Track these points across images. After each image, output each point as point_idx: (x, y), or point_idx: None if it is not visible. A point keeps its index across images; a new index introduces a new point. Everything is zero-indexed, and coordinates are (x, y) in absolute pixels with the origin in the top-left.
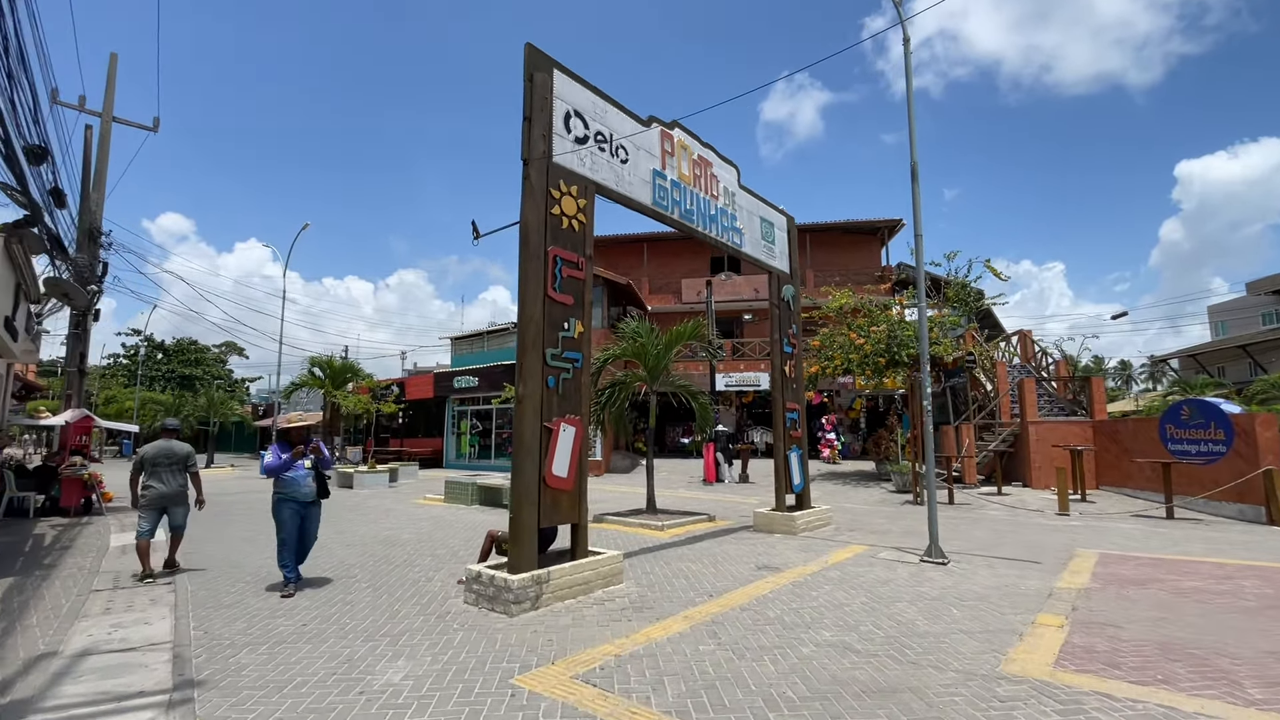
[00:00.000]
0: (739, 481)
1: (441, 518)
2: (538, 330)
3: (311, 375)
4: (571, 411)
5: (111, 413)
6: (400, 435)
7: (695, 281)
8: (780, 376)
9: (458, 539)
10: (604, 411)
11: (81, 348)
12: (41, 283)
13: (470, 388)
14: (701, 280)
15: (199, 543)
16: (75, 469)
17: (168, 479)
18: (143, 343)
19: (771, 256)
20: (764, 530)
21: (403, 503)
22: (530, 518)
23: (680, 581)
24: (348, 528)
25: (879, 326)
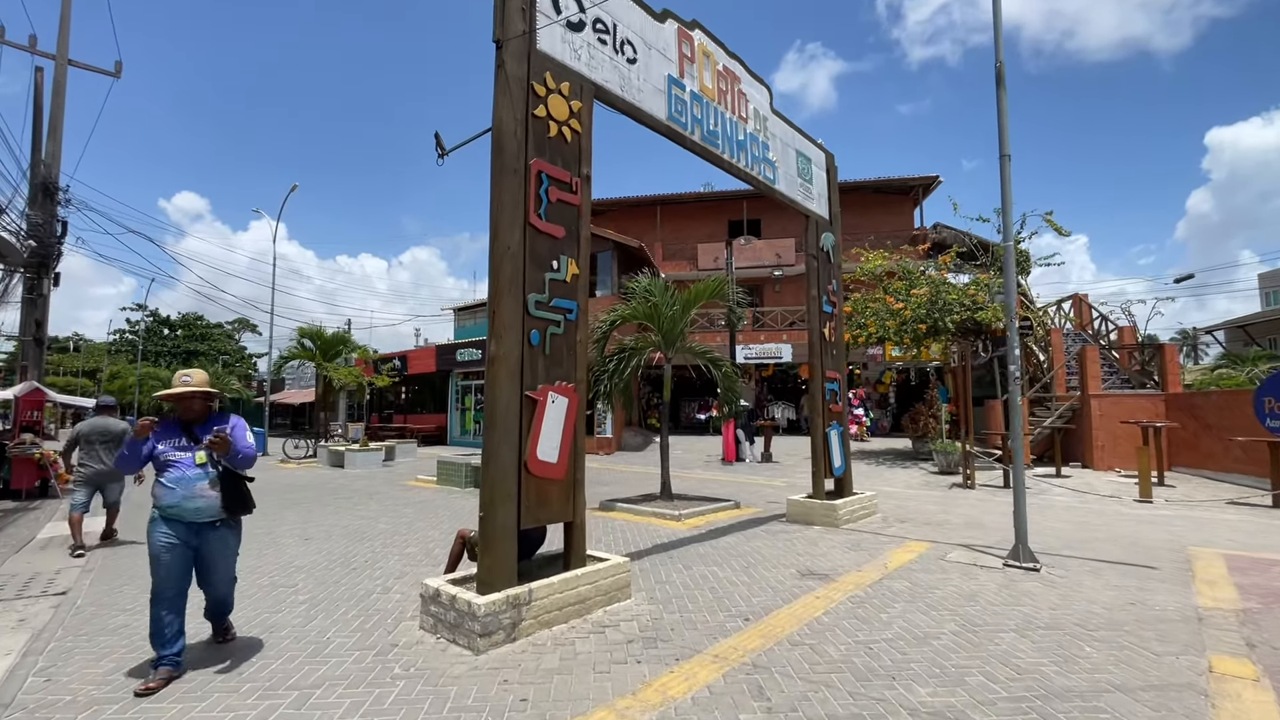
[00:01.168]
0: (761, 461)
1: (429, 503)
2: (515, 268)
3: (300, 347)
4: (563, 378)
5: (115, 388)
6: (405, 411)
7: (712, 246)
8: (819, 340)
9: (439, 531)
10: (610, 383)
11: (37, 314)
12: None
13: (473, 360)
14: (718, 245)
15: (138, 524)
16: (25, 448)
17: (103, 456)
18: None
19: (809, 197)
20: (800, 521)
21: (391, 485)
22: (506, 517)
23: (704, 595)
24: (316, 516)
25: (920, 289)
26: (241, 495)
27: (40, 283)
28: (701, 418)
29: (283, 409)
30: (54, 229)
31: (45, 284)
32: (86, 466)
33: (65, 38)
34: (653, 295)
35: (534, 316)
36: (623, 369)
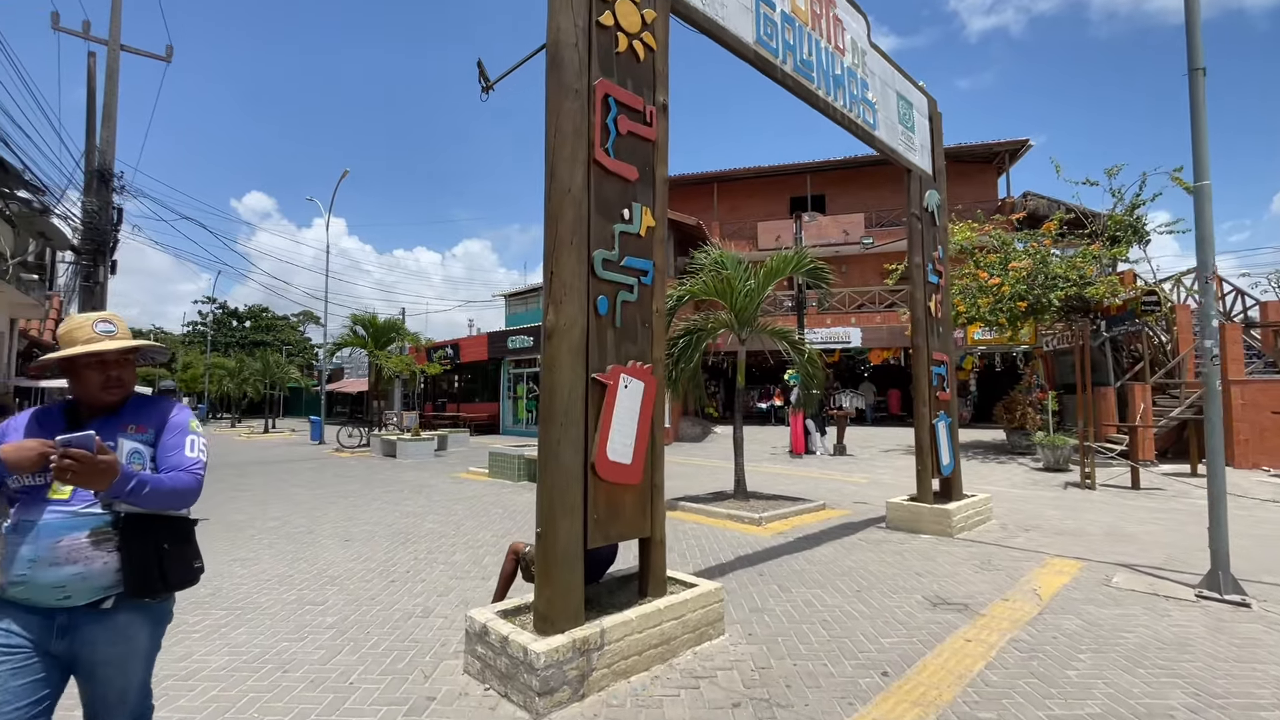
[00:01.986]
0: (834, 454)
1: (480, 498)
2: (578, 216)
3: (353, 334)
4: (637, 356)
5: (188, 377)
6: (458, 400)
7: (773, 224)
8: (924, 316)
9: (490, 533)
10: (678, 369)
11: (94, 302)
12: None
13: (525, 348)
14: (780, 223)
15: None
16: None
17: None
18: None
19: (911, 148)
20: (904, 528)
21: (442, 476)
22: (570, 536)
23: (817, 632)
24: (361, 511)
25: (1019, 262)
26: (157, 561)
27: (96, 270)
28: (763, 407)
29: (341, 397)
30: (109, 216)
31: (101, 271)
32: None
33: (117, 22)
34: (724, 268)
35: (602, 279)
36: (691, 352)
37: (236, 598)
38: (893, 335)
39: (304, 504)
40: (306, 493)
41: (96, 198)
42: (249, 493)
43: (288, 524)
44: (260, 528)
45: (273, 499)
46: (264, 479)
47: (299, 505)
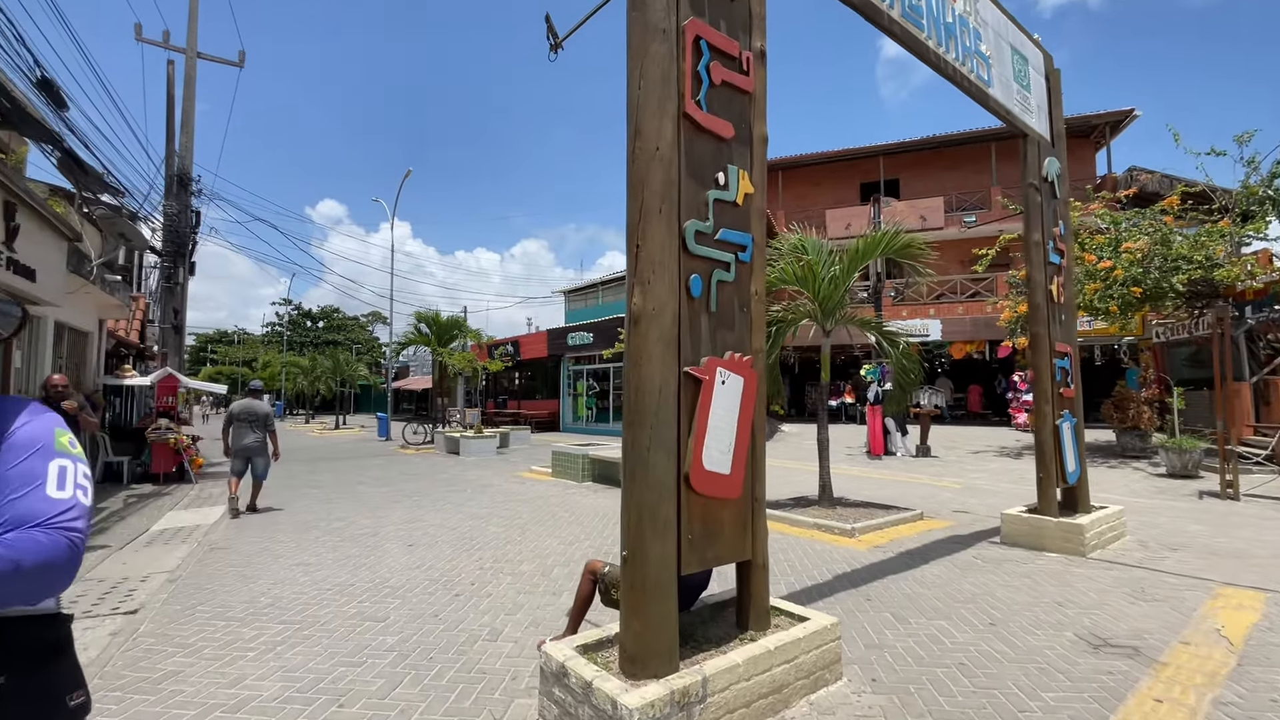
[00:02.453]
0: (917, 455)
1: (544, 499)
2: (667, 178)
3: (417, 332)
4: (735, 347)
5: (266, 375)
6: (518, 397)
7: (843, 212)
8: (1044, 301)
9: (557, 540)
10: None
11: (175, 302)
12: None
13: (585, 345)
14: (851, 210)
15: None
16: (160, 433)
17: (250, 433)
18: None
19: (1027, 109)
20: (1024, 544)
21: (505, 475)
22: (663, 561)
23: (956, 680)
24: (425, 512)
25: (1135, 242)
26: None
27: (176, 271)
28: (832, 404)
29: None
30: (188, 219)
31: (181, 272)
32: (238, 441)
33: (194, 31)
34: (805, 253)
35: (694, 254)
36: (771, 346)
37: (296, 609)
38: (976, 327)
39: (369, 502)
40: (372, 490)
41: (176, 201)
42: (318, 490)
43: (352, 524)
44: (325, 528)
45: (340, 497)
46: (333, 475)
47: (364, 504)
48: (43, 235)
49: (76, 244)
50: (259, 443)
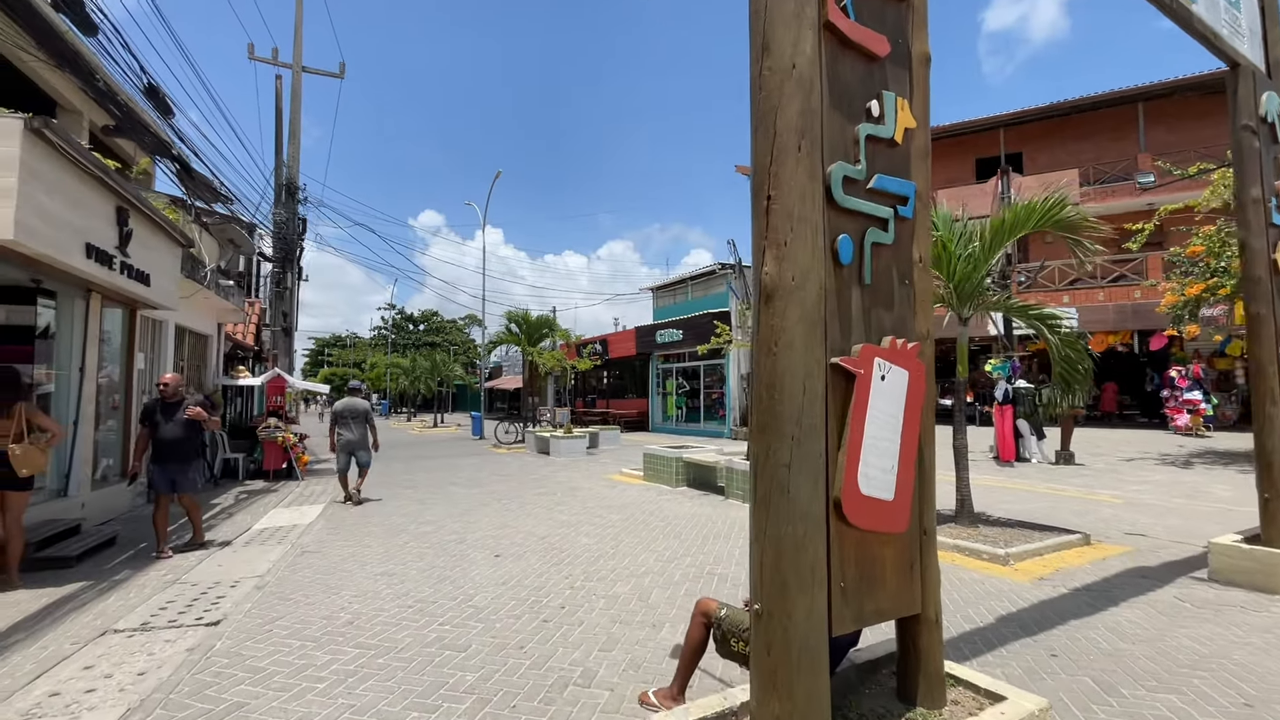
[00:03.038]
0: (1057, 462)
1: (637, 506)
2: (806, 105)
3: (507, 331)
4: (895, 330)
5: (373, 376)
6: (607, 396)
7: (959, 191)
8: (1266, 274)
9: (653, 555)
10: None
11: (284, 306)
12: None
13: (674, 342)
14: (967, 190)
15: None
16: (270, 431)
17: (353, 428)
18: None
19: (1237, 32)
20: (1246, 584)
21: (595, 478)
22: (811, 616)
23: None
24: (514, 518)
25: None
26: None
27: (285, 276)
28: (947, 404)
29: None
30: (295, 226)
31: (289, 277)
32: (342, 436)
33: (299, 46)
34: (935, 229)
35: (843, 209)
36: None
37: (374, 630)
38: (1121, 316)
39: (460, 504)
40: (463, 492)
41: (284, 209)
42: (412, 490)
43: (441, 529)
44: (414, 532)
45: (432, 498)
46: (428, 475)
47: (455, 506)
48: (156, 241)
49: (190, 250)
50: (361, 437)
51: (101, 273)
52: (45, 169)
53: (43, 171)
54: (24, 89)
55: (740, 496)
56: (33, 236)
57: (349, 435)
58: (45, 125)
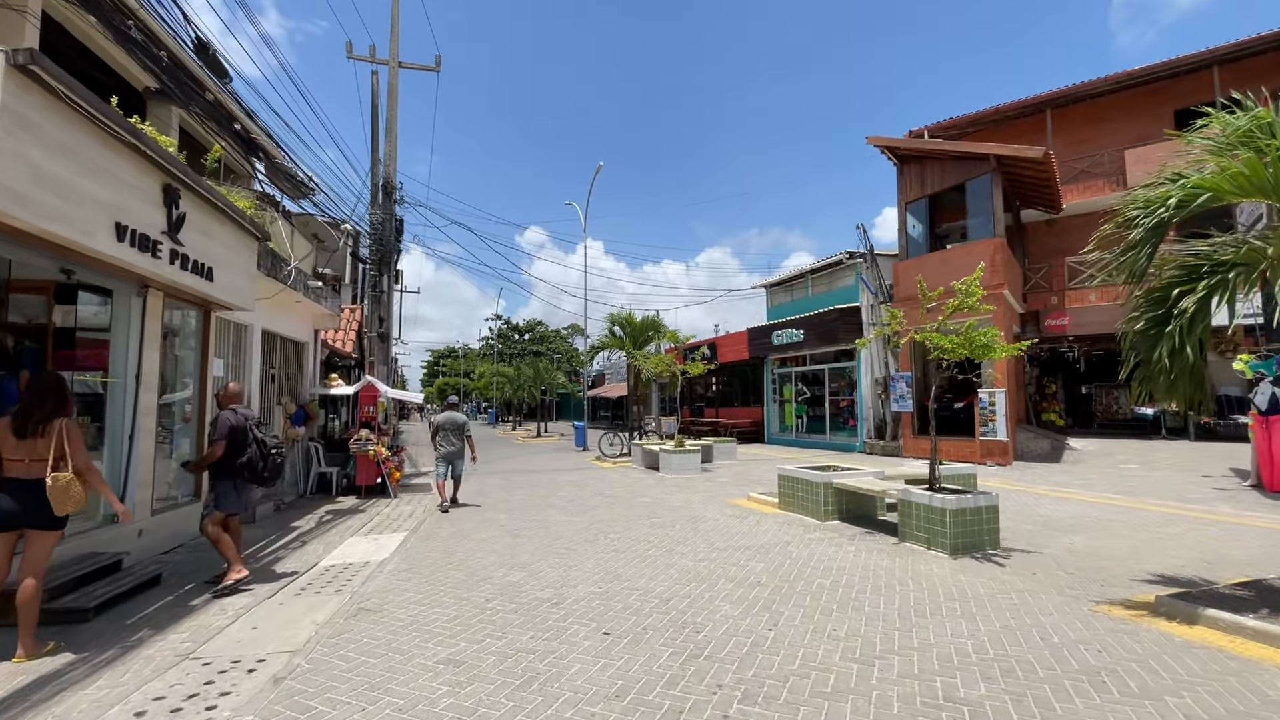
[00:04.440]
0: None
1: (782, 550)
2: None
3: (611, 335)
4: None
5: (480, 385)
6: (715, 404)
7: (1153, 150)
8: None
9: (837, 646)
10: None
11: (380, 311)
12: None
13: (793, 344)
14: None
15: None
16: (361, 444)
17: (452, 439)
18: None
19: None
20: None
21: (717, 503)
22: None
23: None
24: (624, 562)
25: None
26: None
27: (381, 278)
28: (1147, 413)
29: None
30: (392, 226)
31: (385, 280)
32: (442, 447)
33: (395, 42)
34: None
35: None
36: (1193, 317)
37: None
38: None
39: (559, 537)
40: (563, 518)
41: (380, 209)
42: (507, 515)
43: (534, 579)
44: (501, 583)
45: (527, 528)
46: (526, 494)
47: (553, 539)
48: (221, 231)
49: (267, 243)
50: (460, 448)
51: (144, 261)
52: (44, 122)
53: (39, 124)
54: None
55: (923, 541)
56: (26, 206)
57: (448, 447)
58: (34, 60)
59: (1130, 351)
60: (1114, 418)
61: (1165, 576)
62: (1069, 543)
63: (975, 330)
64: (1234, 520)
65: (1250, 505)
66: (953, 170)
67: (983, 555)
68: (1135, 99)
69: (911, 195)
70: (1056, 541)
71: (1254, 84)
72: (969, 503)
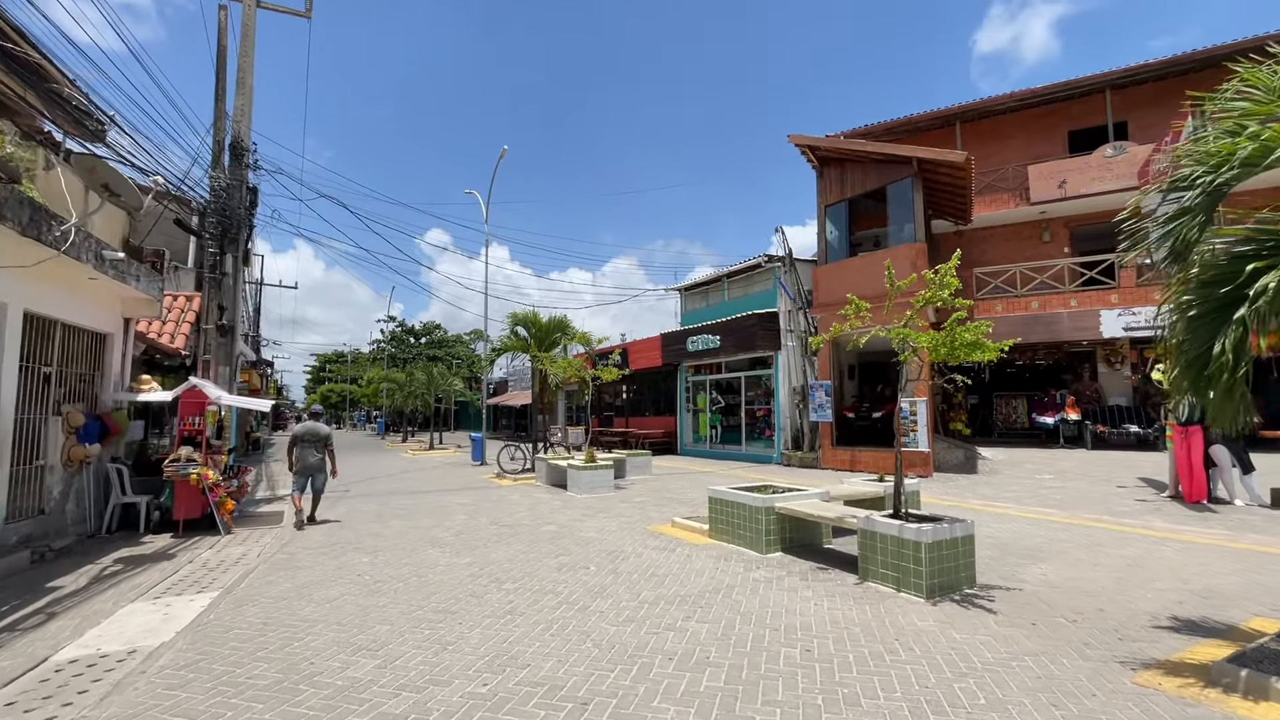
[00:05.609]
0: (1274, 505)
1: (725, 600)
2: None
3: (513, 336)
4: None
5: (370, 392)
6: (625, 414)
7: (1051, 168)
8: None
9: None
10: (1196, 350)
11: (222, 298)
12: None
13: (709, 350)
14: (1063, 164)
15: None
16: (180, 467)
17: (311, 453)
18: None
19: None
20: None
21: (637, 531)
22: None
23: None
24: (526, 630)
25: None
26: None
27: (224, 259)
28: (1048, 421)
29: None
30: (242, 196)
31: (231, 260)
32: (301, 461)
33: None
34: None
35: None
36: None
37: None
38: None
39: (436, 594)
40: (446, 559)
41: (228, 174)
42: (371, 558)
43: (389, 670)
44: (335, 682)
45: (395, 577)
46: (404, 524)
47: (429, 598)
48: None
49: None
50: (320, 462)
51: None
52: None
53: None
54: None
55: (892, 581)
56: None
57: (308, 460)
58: None
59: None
60: (1013, 426)
61: (1177, 620)
62: (1040, 574)
63: (963, 326)
64: (1180, 538)
65: (1180, 519)
66: (874, 173)
67: (962, 598)
68: (1034, 118)
69: (831, 198)
70: (1025, 571)
71: (1140, 109)
72: (945, 534)
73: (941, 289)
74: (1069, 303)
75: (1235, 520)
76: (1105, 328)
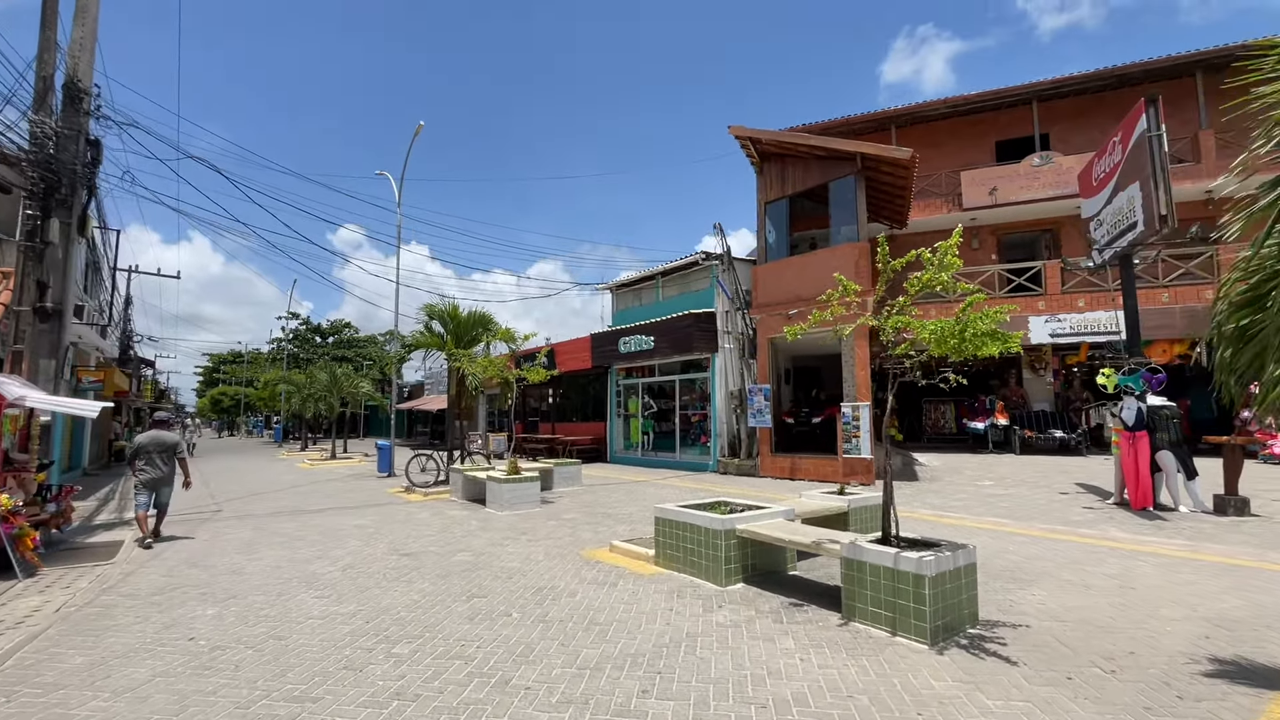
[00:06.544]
0: (1224, 513)
1: (688, 657)
2: None
3: (428, 332)
4: None
5: (266, 395)
6: (551, 419)
7: (984, 174)
8: None
9: None
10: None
11: (40, 274)
12: None
13: (643, 351)
14: (993, 171)
15: None
16: None
17: (158, 464)
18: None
19: None
20: None
21: (568, 561)
22: None
23: None
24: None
25: None
26: None
27: (47, 224)
28: (979, 427)
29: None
30: (79, 149)
31: (57, 227)
32: (144, 472)
33: None
34: None
35: None
36: None
37: None
38: (1192, 320)
39: (297, 665)
40: (322, 607)
41: (59, 122)
42: (218, 609)
43: None
44: None
45: (245, 640)
46: (280, 554)
47: (284, 674)
48: None
49: None
50: (166, 473)
51: None
52: None
53: None
54: None
55: (887, 622)
56: None
57: (152, 472)
58: None
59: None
60: (941, 431)
61: (1219, 664)
62: (1038, 603)
63: (977, 315)
64: (1147, 549)
65: (1136, 528)
66: (816, 170)
67: (970, 641)
68: (964, 127)
69: (772, 195)
70: (1021, 600)
71: (1064, 122)
72: (949, 564)
73: (941, 270)
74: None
75: (1188, 529)
76: (1033, 334)
